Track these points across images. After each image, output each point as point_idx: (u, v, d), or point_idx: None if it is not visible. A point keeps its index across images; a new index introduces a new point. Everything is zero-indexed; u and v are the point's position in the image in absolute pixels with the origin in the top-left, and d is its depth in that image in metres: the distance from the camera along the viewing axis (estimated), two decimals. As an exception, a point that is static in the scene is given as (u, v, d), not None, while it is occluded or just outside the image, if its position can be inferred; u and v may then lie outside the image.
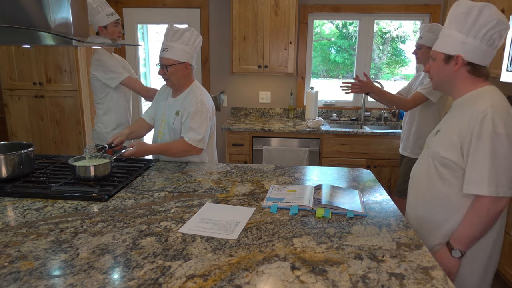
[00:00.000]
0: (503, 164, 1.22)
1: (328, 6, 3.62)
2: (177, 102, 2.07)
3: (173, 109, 2.07)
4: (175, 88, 2.09)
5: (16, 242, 1.16)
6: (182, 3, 3.70)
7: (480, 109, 1.25)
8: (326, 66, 4.23)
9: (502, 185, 1.22)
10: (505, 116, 1.23)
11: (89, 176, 1.67)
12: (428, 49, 2.57)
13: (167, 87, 2.18)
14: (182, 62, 1.98)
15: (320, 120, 3.36)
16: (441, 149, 1.35)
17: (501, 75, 3.00)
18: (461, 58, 1.29)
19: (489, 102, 1.25)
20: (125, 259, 1.07)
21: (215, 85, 3.89)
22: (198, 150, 2.01)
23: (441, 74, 1.36)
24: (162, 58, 1.99)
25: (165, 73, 1.99)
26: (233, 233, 1.24)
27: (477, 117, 1.24)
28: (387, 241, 1.20)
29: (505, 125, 1.21)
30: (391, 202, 1.54)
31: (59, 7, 1.37)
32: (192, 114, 1.97)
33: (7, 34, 1.32)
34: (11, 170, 1.68)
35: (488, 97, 1.28)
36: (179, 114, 2.03)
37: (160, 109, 2.15)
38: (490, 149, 1.21)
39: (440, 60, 1.34)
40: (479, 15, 1.24)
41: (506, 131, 1.21)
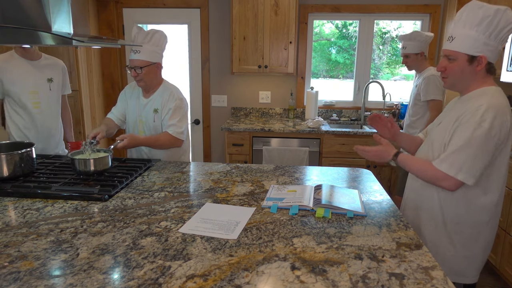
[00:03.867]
0: (473, 153, 1.31)
1: (328, 6, 3.62)
2: (152, 101, 2.15)
3: (150, 108, 2.15)
4: (147, 89, 2.16)
5: (16, 242, 1.16)
6: (182, 3, 3.70)
7: (478, 103, 1.34)
8: (326, 66, 4.23)
9: (464, 171, 1.33)
10: (498, 116, 1.30)
11: (89, 170, 1.68)
12: (415, 55, 2.74)
13: (133, 88, 2.24)
14: (154, 62, 2.08)
15: (320, 120, 3.36)
16: (440, 137, 1.45)
17: (501, 75, 3.00)
18: (485, 59, 1.35)
19: (488, 100, 1.34)
20: (125, 259, 1.07)
21: (215, 85, 3.89)
22: (180, 143, 2.15)
23: (463, 74, 1.40)
24: (134, 60, 2.05)
25: (138, 75, 2.06)
26: (233, 233, 1.24)
27: (471, 110, 1.35)
28: (387, 241, 1.20)
29: (492, 122, 1.30)
30: (391, 202, 1.54)
31: (59, 7, 1.37)
32: (173, 110, 2.10)
33: (7, 34, 1.31)
34: (11, 169, 1.68)
35: (490, 95, 1.36)
36: (158, 112, 2.14)
37: (133, 111, 2.21)
38: (468, 137, 1.32)
39: (463, 60, 1.37)
40: (502, 18, 1.31)
41: (490, 127, 1.30)
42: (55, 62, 2.46)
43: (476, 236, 1.45)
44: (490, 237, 1.48)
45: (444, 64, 1.43)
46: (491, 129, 1.30)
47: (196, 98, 3.93)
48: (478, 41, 1.34)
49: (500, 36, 1.34)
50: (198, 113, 3.96)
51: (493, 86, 1.40)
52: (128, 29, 3.82)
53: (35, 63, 2.34)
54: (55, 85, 2.41)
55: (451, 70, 1.41)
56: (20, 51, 2.31)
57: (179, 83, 2.41)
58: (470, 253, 1.46)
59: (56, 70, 2.43)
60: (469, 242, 1.45)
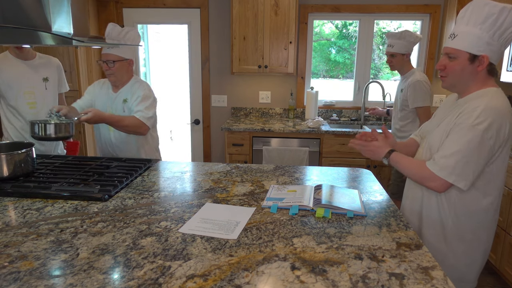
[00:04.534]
0: (467, 156, 1.27)
1: (328, 6, 3.62)
2: (122, 93, 2.19)
3: (119, 100, 2.18)
4: (117, 84, 2.19)
5: (16, 242, 1.16)
6: (182, 3, 3.70)
7: (475, 105, 1.29)
8: (326, 66, 4.23)
9: (456, 174, 1.29)
10: (493, 118, 1.25)
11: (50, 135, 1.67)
12: (401, 55, 2.66)
13: (103, 84, 2.26)
14: (127, 58, 2.14)
15: (320, 120, 3.36)
16: (437, 140, 1.40)
17: (501, 75, 3.00)
18: (487, 59, 1.30)
19: (486, 101, 1.28)
20: (125, 259, 1.07)
21: (215, 85, 3.89)
22: (146, 129, 2.14)
23: (463, 74, 1.34)
24: (108, 54, 2.09)
25: (110, 68, 2.10)
26: (233, 233, 1.24)
27: (468, 110, 1.30)
28: (387, 241, 1.20)
29: (488, 124, 1.25)
30: (391, 202, 1.54)
31: (59, 7, 1.37)
32: (142, 97, 2.14)
33: (7, 34, 1.32)
34: (11, 169, 1.68)
35: (488, 97, 1.31)
36: (128, 101, 2.17)
37: (102, 104, 2.23)
38: (463, 138, 1.28)
39: (465, 59, 1.31)
40: (507, 18, 1.25)
41: (485, 129, 1.25)
42: (50, 61, 2.48)
43: (476, 243, 1.41)
44: (490, 241, 1.44)
45: (444, 62, 1.37)
46: (487, 131, 1.25)
47: (196, 98, 3.93)
48: (481, 40, 1.28)
49: (504, 37, 1.28)
50: (198, 113, 3.96)
51: (493, 87, 1.35)
52: (128, 29, 3.82)
53: (30, 62, 2.35)
54: (51, 84, 2.43)
55: (451, 69, 1.35)
56: (14, 52, 2.31)
57: (179, 83, 2.43)
58: (470, 260, 1.43)
59: (51, 69, 2.45)
60: (469, 249, 1.41)
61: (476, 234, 1.40)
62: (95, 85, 2.29)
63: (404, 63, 2.70)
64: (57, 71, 2.49)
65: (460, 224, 1.40)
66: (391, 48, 2.66)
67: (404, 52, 2.65)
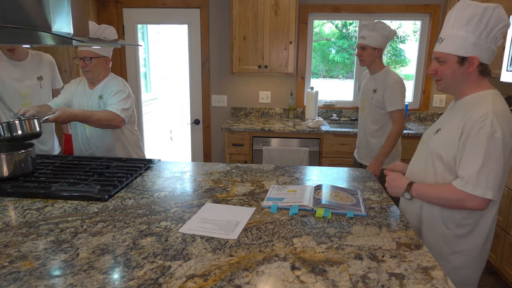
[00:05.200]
0: (494, 168, 1.24)
1: (328, 6, 3.61)
2: (98, 90, 2.17)
3: (95, 96, 2.16)
4: (93, 80, 2.17)
5: (16, 242, 1.16)
6: (182, 3, 3.70)
7: (482, 112, 1.26)
8: (326, 66, 4.23)
9: (491, 188, 1.24)
10: (505, 123, 1.25)
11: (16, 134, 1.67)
12: (373, 49, 2.41)
13: (79, 81, 2.25)
14: (104, 56, 2.12)
15: (320, 120, 3.36)
16: (440, 147, 1.37)
17: (501, 75, 3.00)
18: (477, 60, 1.29)
19: (491, 107, 1.26)
20: (125, 259, 1.07)
21: (215, 85, 3.89)
22: (120, 121, 2.07)
23: (455, 76, 1.34)
24: (84, 50, 2.08)
25: (86, 65, 2.08)
26: (233, 233, 1.24)
27: (478, 120, 1.26)
28: (387, 241, 1.20)
29: (503, 131, 1.23)
30: (391, 202, 1.54)
31: (59, 7, 1.37)
32: (116, 91, 2.11)
33: (7, 34, 1.31)
34: (11, 169, 1.68)
35: (490, 101, 1.29)
36: (103, 97, 2.15)
37: (79, 102, 2.21)
38: (485, 150, 1.23)
39: (454, 62, 1.32)
40: (492, 16, 1.25)
41: (503, 137, 1.23)
42: (43, 58, 2.51)
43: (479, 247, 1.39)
44: (489, 241, 1.43)
45: (435, 67, 1.37)
46: (504, 138, 1.23)
47: (196, 98, 3.93)
48: (468, 41, 1.28)
49: (492, 35, 1.27)
50: (198, 113, 3.96)
51: (490, 89, 1.34)
52: (128, 29, 3.82)
53: (23, 63, 2.39)
54: (45, 82, 2.47)
55: (443, 73, 1.35)
56: (7, 54, 2.35)
57: (179, 83, 2.42)
58: (471, 262, 1.41)
59: (44, 67, 2.49)
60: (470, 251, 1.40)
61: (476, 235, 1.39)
62: (72, 83, 2.28)
63: (375, 58, 2.45)
64: (50, 68, 2.53)
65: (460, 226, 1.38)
66: (363, 40, 2.42)
67: (375, 46, 2.40)
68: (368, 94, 2.52)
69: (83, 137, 2.22)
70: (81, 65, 2.09)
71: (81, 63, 2.08)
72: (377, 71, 2.48)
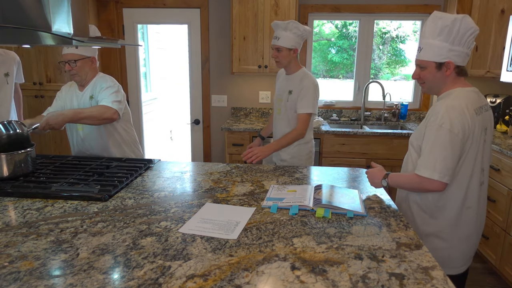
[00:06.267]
0: (441, 153, 1.41)
1: (328, 6, 3.62)
2: (88, 90, 2.15)
3: (86, 97, 2.14)
4: (82, 83, 2.15)
5: (16, 242, 1.16)
6: (182, 3, 3.70)
7: (439, 106, 1.47)
8: (326, 66, 4.23)
9: (438, 170, 1.41)
10: (454, 116, 1.41)
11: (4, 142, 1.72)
12: (288, 50, 2.26)
13: (69, 86, 2.23)
14: (89, 56, 2.09)
15: (320, 120, 3.36)
16: (414, 138, 1.58)
17: (501, 75, 3.00)
18: (452, 64, 1.47)
19: (448, 102, 1.45)
20: (125, 259, 1.07)
21: (215, 85, 3.89)
22: (113, 112, 2.03)
23: (435, 79, 1.52)
24: (68, 54, 2.05)
25: (72, 68, 2.06)
26: (233, 233, 1.24)
27: (433, 113, 1.47)
28: (387, 241, 1.20)
29: (451, 122, 1.40)
30: (391, 202, 1.54)
31: (59, 7, 1.37)
32: (105, 87, 2.09)
33: (7, 34, 1.31)
34: (11, 169, 1.68)
35: (451, 98, 1.47)
36: (94, 97, 2.12)
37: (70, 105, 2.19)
38: (434, 139, 1.43)
39: (433, 68, 1.49)
40: (460, 26, 1.42)
41: (450, 127, 1.40)
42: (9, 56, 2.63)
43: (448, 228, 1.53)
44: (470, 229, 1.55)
45: (417, 72, 1.55)
46: (452, 128, 1.40)
47: (196, 98, 3.93)
48: (443, 49, 1.45)
49: (464, 41, 1.44)
50: (198, 113, 3.96)
51: (459, 87, 1.50)
52: (128, 29, 3.82)
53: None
54: (11, 78, 2.60)
55: (424, 77, 1.53)
56: None
57: (179, 83, 2.42)
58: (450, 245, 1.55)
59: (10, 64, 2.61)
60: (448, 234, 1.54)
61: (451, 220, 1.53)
62: (62, 89, 2.27)
63: (291, 59, 2.29)
64: (15, 65, 2.64)
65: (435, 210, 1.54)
66: (277, 41, 2.25)
67: (290, 47, 2.24)
68: (283, 95, 2.36)
69: (78, 139, 2.21)
70: (67, 68, 2.06)
71: (66, 67, 2.05)
72: (294, 71, 2.34)
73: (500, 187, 2.58)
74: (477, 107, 1.48)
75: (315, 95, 2.27)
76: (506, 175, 2.53)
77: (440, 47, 1.46)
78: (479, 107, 1.49)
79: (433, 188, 1.44)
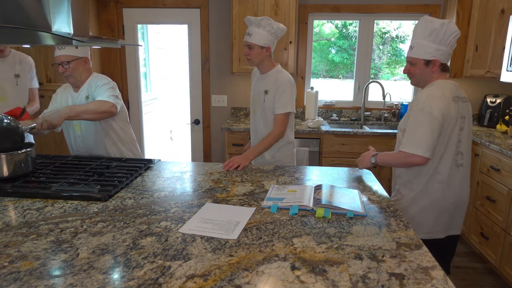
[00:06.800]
0: (421, 132, 1.67)
1: (328, 6, 3.62)
2: (83, 91, 2.14)
3: (82, 97, 2.14)
4: (77, 84, 2.14)
5: (16, 242, 1.16)
6: (182, 3, 3.71)
7: (421, 94, 1.74)
8: (326, 66, 4.23)
9: (417, 146, 1.67)
10: (434, 101, 1.67)
11: None
12: (260, 48, 2.16)
13: (64, 88, 2.23)
14: (81, 57, 2.08)
15: (320, 120, 3.36)
16: (402, 124, 1.84)
17: (501, 75, 3.00)
18: (438, 61, 1.73)
19: (428, 92, 1.72)
20: (125, 259, 1.07)
21: (215, 85, 3.89)
22: (112, 106, 2.03)
23: (423, 74, 1.78)
24: (61, 56, 2.03)
25: (66, 70, 2.04)
26: (233, 233, 1.24)
27: (416, 99, 1.75)
28: (387, 241, 1.20)
29: (431, 107, 1.66)
30: (391, 202, 1.54)
31: (59, 7, 1.37)
32: (101, 85, 2.09)
33: (7, 34, 1.31)
34: (11, 169, 1.68)
35: (433, 87, 1.73)
36: (90, 96, 2.11)
37: None
38: (416, 121, 1.69)
39: (421, 64, 1.76)
40: (447, 29, 1.69)
41: (430, 110, 1.66)
42: (23, 59, 2.61)
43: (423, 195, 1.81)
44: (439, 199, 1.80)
45: (408, 68, 1.81)
46: (431, 110, 1.65)
47: (196, 98, 3.93)
48: (431, 48, 1.71)
49: (448, 42, 1.71)
50: (198, 113, 3.96)
51: (440, 80, 1.76)
52: (128, 29, 3.82)
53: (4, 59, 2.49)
54: (22, 80, 2.57)
55: (414, 72, 1.79)
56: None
57: (179, 83, 2.41)
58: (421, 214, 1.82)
59: (23, 66, 2.58)
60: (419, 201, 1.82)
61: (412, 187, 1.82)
62: (57, 91, 2.26)
63: (264, 58, 2.20)
64: (28, 68, 2.62)
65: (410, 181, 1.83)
66: (249, 38, 2.15)
67: (262, 45, 2.15)
68: (259, 95, 2.28)
69: (75, 138, 2.21)
70: (60, 70, 2.05)
71: (60, 69, 2.04)
72: (268, 70, 2.26)
73: (500, 187, 2.58)
74: (454, 96, 1.72)
75: (291, 93, 2.20)
76: (506, 175, 2.53)
77: (429, 46, 1.71)
78: (456, 96, 1.73)
79: (416, 162, 1.70)
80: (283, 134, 2.23)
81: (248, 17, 2.18)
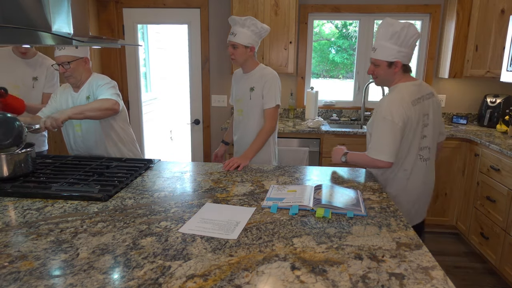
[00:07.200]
0: (384, 139, 1.76)
1: (328, 6, 3.61)
2: (84, 91, 2.14)
3: (82, 97, 2.13)
4: (77, 84, 2.14)
5: (16, 242, 1.16)
6: (182, 3, 3.70)
7: (383, 100, 1.82)
8: (326, 66, 4.23)
9: (381, 152, 1.76)
10: (395, 108, 1.74)
11: None
12: (244, 48, 2.18)
13: (64, 88, 2.22)
14: (81, 57, 2.08)
15: (320, 120, 3.36)
16: (368, 126, 1.90)
17: (501, 75, 3.00)
18: (399, 63, 1.80)
19: (390, 97, 1.80)
20: (125, 259, 1.07)
21: (215, 85, 3.89)
22: (114, 103, 2.04)
23: (386, 75, 1.85)
24: (61, 56, 2.04)
25: (66, 70, 2.04)
26: (233, 233, 1.24)
27: (378, 106, 1.82)
28: (387, 241, 1.20)
29: (392, 114, 1.73)
30: (391, 202, 1.54)
31: (59, 7, 1.37)
32: (102, 84, 2.09)
33: (7, 34, 1.31)
34: (11, 169, 1.68)
35: (394, 92, 1.81)
36: (90, 96, 2.11)
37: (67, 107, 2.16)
38: (378, 128, 1.78)
39: (384, 65, 1.82)
40: (408, 31, 1.75)
41: (391, 118, 1.73)
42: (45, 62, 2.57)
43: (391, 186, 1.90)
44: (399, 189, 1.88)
45: (372, 69, 1.87)
46: (393, 119, 1.73)
47: (196, 98, 3.93)
48: (393, 50, 1.77)
49: (409, 44, 1.78)
50: (198, 113, 3.96)
51: (403, 82, 1.83)
52: (128, 29, 3.82)
53: (27, 60, 2.46)
54: (38, 84, 2.52)
55: (378, 73, 1.86)
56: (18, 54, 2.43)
57: (179, 83, 2.41)
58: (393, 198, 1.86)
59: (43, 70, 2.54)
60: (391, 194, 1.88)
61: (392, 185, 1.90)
62: (57, 92, 2.26)
63: (248, 57, 2.23)
64: (47, 72, 2.57)
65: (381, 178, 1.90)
66: (233, 37, 2.16)
67: (247, 44, 2.17)
68: (244, 94, 2.31)
69: (75, 138, 2.21)
70: (61, 71, 2.05)
71: (60, 69, 2.04)
72: (251, 69, 2.29)
73: (500, 187, 2.58)
74: (415, 99, 1.79)
75: (277, 86, 2.26)
76: (506, 175, 2.53)
77: (391, 48, 1.78)
78: (417, 99, 1.79)
79: (381, 166, 1.80)
80: (275, 127, 2.30)
81: (232, 17, 2.19)
